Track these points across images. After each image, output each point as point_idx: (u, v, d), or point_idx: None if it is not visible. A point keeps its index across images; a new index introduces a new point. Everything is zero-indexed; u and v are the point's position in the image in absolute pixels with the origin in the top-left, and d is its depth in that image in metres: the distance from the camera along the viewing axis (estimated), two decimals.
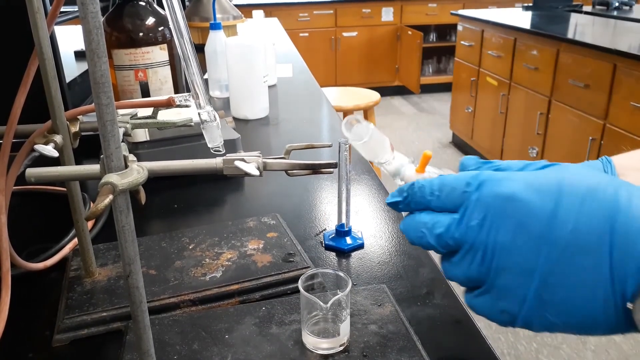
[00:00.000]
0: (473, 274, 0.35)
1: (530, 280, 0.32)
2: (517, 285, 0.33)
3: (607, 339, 1.84)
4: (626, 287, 0.30)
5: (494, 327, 1.90)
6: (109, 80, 0.28)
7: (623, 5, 3.43)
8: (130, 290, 0.32)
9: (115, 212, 0.31)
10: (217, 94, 1.36)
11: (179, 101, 0.52)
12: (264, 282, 0.53)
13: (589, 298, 0.31)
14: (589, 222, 0.30)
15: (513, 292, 0.33)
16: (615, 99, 2.20)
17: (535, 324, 0.34)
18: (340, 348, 0.44)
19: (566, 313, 0.32)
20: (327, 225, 0.68)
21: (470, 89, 3.44)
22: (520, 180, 0.33)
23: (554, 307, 0.32)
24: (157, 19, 0.92)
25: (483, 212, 0.34)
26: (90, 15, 0.26)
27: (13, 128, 0.45)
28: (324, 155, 0.91)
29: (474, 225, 0.34)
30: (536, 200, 0.32)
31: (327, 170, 0.41)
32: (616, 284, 0.30)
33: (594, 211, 0.30)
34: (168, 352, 0.44)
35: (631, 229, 0.29)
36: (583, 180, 0.32)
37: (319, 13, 4.64)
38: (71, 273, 0.54)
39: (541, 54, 2.69)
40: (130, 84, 0.92)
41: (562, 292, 0.31)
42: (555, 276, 0.31)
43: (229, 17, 1.59)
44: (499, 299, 0.34)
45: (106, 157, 0.29)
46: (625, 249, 0.29)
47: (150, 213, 0.72)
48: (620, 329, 0.31)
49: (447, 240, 0.36)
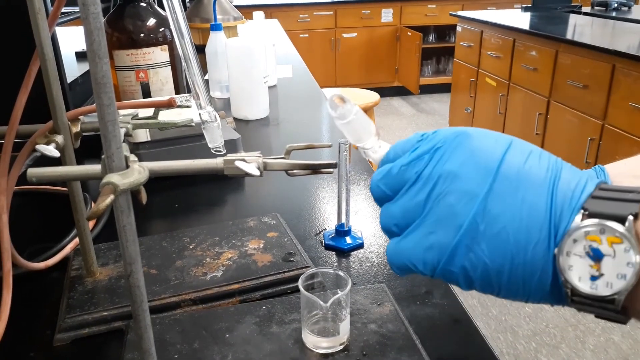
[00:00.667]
0: (411, 205, 0.33)
1: (470, 206, 0.31)
2: (456, 211, 0.32)
3: (605, 339, 1.84)
4: (559, 229, 0.29)
5: (493, 326, 1.91)
6: (110, 81, 0.28)
7: (622, 6, 3.43)
8: (131, 289, 0.33)
9: (116, 212, 0.31)
10: (217, 94, 1.37)
11: (180, 102, 0.52)
12: (264, 281, 0.53)
13: (524, 235, 0.30)
14: (536, 166, 0.31)
15: (450, 219, 0.32)
16: (614, 99, 2.20)
17: (462, 265, 0.32)
18: (340, 347, 0.44)
19: (499, 251, 0.31)
20: (327, 225, 0.68)
21: (470, 90, 3.44)
22: (476, 129, 0.34)
23: (487, 241, 0.31)
24: (158, 20, 0.92)
25: (435, 145, 0.34)
26: (91, 16, 0.26)
27: (14, 128, 0.46)
28: (324, 155, 0.91)
29: (424, 157, 0.33)
30: (489, 142, 0.33)
31: (327, 170, 0.42)
32: (552, 225, 0.30)
33: (541, 161, 0.32)
34: (169, 351, 0.44)
35: (573, 180, 0.30)
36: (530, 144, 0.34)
37: (318, 14, 4.64)
38: (72, 272, 0.55)
39: (540, 54, 2.69)
40: (131, 84, 0.92)
41: (500, 224, 0.31)
42: (496, 205, 0.31)
43: (230, 18, 1.59)
44: (430, 232, 0.32)
45: (107, 157, 0.30)
46: (565, 193, 0.30)
47: (151, 213, 0.72)
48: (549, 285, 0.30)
49: (394, 177, 0.34)
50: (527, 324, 1.94)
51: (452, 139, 0.33)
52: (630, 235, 0.27)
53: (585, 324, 1.92)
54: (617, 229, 0.27)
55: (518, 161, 0.32)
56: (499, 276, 0.31)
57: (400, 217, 0.34)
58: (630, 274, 0.27)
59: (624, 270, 0.27)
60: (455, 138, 0.33)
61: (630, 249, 0.27)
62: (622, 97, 2.16)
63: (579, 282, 0.29)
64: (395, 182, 0.35)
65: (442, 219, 0.32)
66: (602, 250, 0.28)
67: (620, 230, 0.27)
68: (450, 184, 0.32)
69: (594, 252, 0.28)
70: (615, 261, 0.28)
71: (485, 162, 0.32)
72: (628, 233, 0.27)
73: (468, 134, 0.33)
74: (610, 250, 0.28)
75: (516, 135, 0.34)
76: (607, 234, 0.28)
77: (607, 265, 0.28)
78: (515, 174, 0.31)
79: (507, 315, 1.99)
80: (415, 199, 0.33)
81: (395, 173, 0.34)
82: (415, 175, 0.33)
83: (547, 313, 1.99)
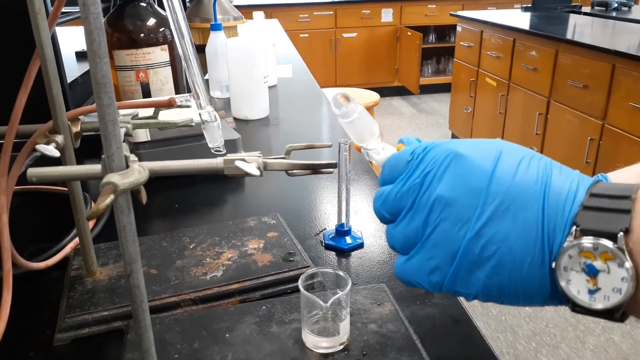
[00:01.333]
0: (410, 231, 0.35)
1: (464, 231, 0.32)
2: (451, 238, 0.33)
3: (605, 339, 1.84)
4: (554, 245, 0.30)
5: (493, 326, 1.91)
6: (110, 81, 0.28)
7: (622, 6, 3.43)
8: (131, 289, 0.33)
9: (116, 212, 0.31)
10: (217, 94, 1.37)
11: (180, 101, 0.52)
12: (264, 281, 0.53)
13: (519, 253, 0.31)
14: (525, 179, 0.32)
15: (446, 245, 0.33)
16: (614, 99, 2.20)
17: (465, 284, 0.33)
18: (340, 347, 0.44)
19: (496, 271, 0.32)
20: (327, 225, 0.68)
21: (470, 90, 3.44)
22: (463, 142, 0.35)
23: (484, 263, 0.32)
24: (158, 20, 0.92)
25: (424, 168, 0.34)
26: (91, 16, 0.26)
27: (14, 128, 0.46)
28: (324, 155, 0.91)
29: (416, 183, 0.34)
30: (477, 158, 0.33)
31: (327, 170, 0.42)
32: (545, 241, 0.30)
33: (530, 170, 0.32)
34: (169, 351, 0.44)
35: (563, 188, 0.31)
36: (520, 148, 0.34)
37: (319, 14, 4.64)
38: (72, 272, 0.55)
39: (540, 54, 2.69)
40: (131, 84, 0.92)
41: (494, 246, 0.31)
42: (490, 227, 0.31)
43: (230, 18, 1.59)
44: (431, 256, 0.34)
45: (107, 157, 0.30)
46: (556, 205, 0.30)
47: (151, 213, 0.72)
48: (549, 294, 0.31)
49: (391, 204, 0.36)
50: (527, 323, 1.94)
51: (441, 161, 0.34)
52: (622, 251, 0.28)
53: (585, 324, 1.92)
54: (609, 245, 0.28)
55: (507, 176, 0.32)
56: (499, 292, 0.33)
57: (403, 241, 0.36)
58: (625, 288, 0.28)
59: (619, 285, 0.28)
60: (444, 159, 0.34)
61: (623, 264, 0.28)
62: (622, 97, 2.16)
63: (578, 295, 0.30)
64: (393, 207, 0.36)
65: (439, 245, 0.33)
66: (597, 266, 0.29)
67: (611, 247, 0.28)
68: (442, 210, 0.33)
69: (589, 268, 0.29)
70: (610, 276, 0.29)
71: (475, 183, 0.32)
72: (619, 250, 0.28)
73: (457, 154, 0.34)
74: (604, 266, 0.29)
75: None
76: (600, 251, 0.29)
77: (603, 280, 0.29)
78: (505, 191, 0.32)
79: (507, 315, 1.99)
80: (413, 225, 0.35)
81: (392, 200, 0.36)
82: (410, 202, 0.35)
83: (547, 313, 1.99)
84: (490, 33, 3.18)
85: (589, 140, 2.33)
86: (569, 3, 3.71)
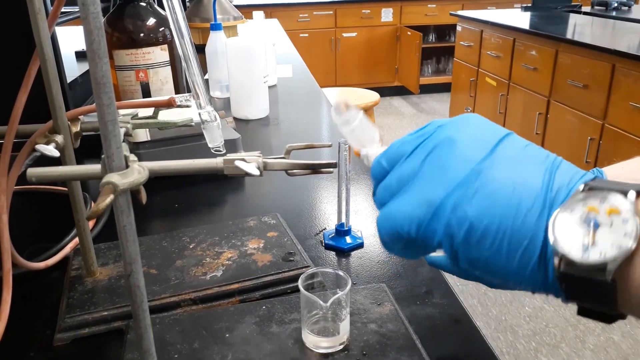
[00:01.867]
0: (407, 169, 0.33)
1: (465, 167, 0.31)
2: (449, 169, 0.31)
3: (605, 339, 1.84)
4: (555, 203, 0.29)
5: (493, 326, 1.91)
6: (110, 81, 0.28)
7: (622, 6, 3.43)
8: (131, 289, 0.33)
9: (116, 212, 0.31)
10: (217, 94, 1.37)
11: (180, 101, 0.52)
12: (264, 281, 0.53)
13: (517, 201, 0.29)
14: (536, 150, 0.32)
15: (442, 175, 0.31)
16: (614, 99, 2.20)
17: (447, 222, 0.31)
18: (340, 347, 0.44)
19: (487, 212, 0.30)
20: (327, 225, 0.68)
21: (470, 89, 3.44)
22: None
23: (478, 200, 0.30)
24: (157, 20, 0.92)
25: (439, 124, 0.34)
26: (91, 15, 0.26)
27: (14, 128, 0.46)
28: (324, 155, 0.91)
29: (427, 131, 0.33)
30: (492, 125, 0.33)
31: (327, 170, 0.42)
32: (547, 197, 0.29)
33: (541, 149, 0.32)
34: (169, 351, 0.44)
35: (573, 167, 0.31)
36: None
37: (318, 14, 4.64)
38: (72, 272, 0.55)
39: (540, 54, 2.69)
40: (131, 84, 0.92)
41: (494, 185, 0.30)
42: (492, 170, 0.30)
43: (230, 17, 1.59)
44: (421, 189, 0.32)
45: (107, 157, 0.30)
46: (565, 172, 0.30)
47: (151, 213, 0.72)
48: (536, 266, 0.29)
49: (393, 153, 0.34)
50: (527, 323, 1.94)
51: (457, 118, 0.34)
52: (631, 206, 0.27)
53: (585, 323, 1.92)
54: (618, 199, 0.27)
55: (518, 143, 0.32)
56: (482, 240, 0.30)
57: (396, 186, 0.33)
58: (626, 244, 0.26)
59: (619, 240, 0.27)
60: (459, 117, 0.34)
61: (629, 219, 0.27)
62: (622, 97, 2.16)
63: (570, 251, 0.27)
64: (395, 156, 0.34)
65: (435, 176, 0.32)
66: (599, 219, 0.27)
67: (621, 201, 0.27)
68: (447, 148, 0.32)
69: (590, 221, 0.28)
70: (611, 230, 0.27)
71: (486, 136, 0.32)
72: (629, 204, 0.27)
73: (473, 115, 0.34)
74: (607, 220, 0.27)
75: None
76: (606, 205, 0.27)
77: (603, 234, 0.27)
78: (514, 152, 0.31)
79: (507, 315, 1.99)
80: (411, 164, 0.33)
81: (396, 148, 0.34)
82: (415, 147, 0.33)
83: (547, 313, 1.99)
84: (490, 33, 3.18)
85: (589, 140, 2.33)
86: (569, 3, 3.71)
